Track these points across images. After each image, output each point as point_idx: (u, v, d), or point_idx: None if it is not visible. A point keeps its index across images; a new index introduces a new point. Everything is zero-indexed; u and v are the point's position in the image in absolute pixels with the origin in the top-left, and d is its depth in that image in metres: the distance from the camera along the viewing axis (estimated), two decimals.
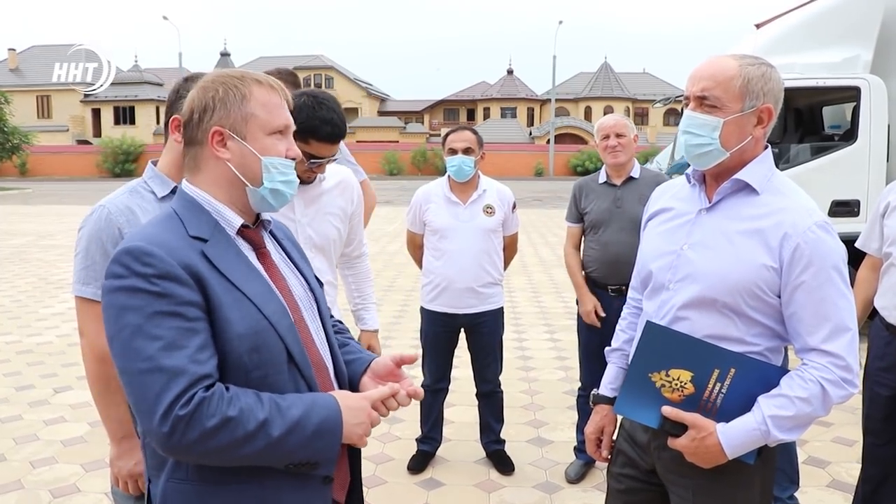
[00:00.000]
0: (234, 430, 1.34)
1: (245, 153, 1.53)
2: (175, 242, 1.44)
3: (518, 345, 7.00)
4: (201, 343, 1.38)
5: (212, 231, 1.51)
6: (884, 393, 3.07)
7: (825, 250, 1.78)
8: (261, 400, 1.40)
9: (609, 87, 58.19)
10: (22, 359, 6.54)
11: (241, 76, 1.56)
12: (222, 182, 1.55)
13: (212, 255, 1.47)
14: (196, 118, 1.53)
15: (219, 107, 1.52)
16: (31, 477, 4.16)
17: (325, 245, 2.85)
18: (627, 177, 3.94)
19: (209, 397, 1.34)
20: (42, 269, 11.48)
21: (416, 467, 4.24)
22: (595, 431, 2.24)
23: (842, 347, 1.78)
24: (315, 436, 1.42)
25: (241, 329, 1.43)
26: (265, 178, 1.54)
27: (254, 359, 1.45)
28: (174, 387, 1.32)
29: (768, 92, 1.85)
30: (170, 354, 1.33)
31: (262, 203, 1.58)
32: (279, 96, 1.57)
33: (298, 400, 1.44)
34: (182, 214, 1.52)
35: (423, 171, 44.81)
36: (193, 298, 1.39)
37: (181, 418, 1.31)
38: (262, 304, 1.49)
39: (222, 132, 1.52)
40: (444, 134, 4.10)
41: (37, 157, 44.30)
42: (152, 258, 1.38)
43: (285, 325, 1.51)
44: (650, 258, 2.06)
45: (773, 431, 1.77)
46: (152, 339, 1.34)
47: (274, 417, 1.38)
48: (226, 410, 1.34)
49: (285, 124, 1.58)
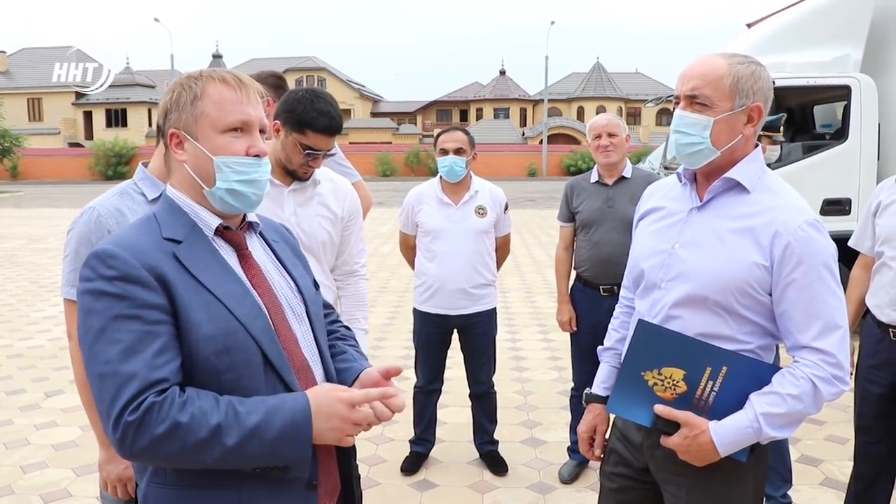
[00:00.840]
0: (184, 436, 1.31)
1: (198, 154, 1.51)
2: (144, 245, 1.43)
3: (511, 345, 7.00)
4: (160, 347, 1.36)
5: (188, 232, 1.50)
6: (875, 391, 3.08)
7: (816, 248, 1.79)
8: (218, 404, 1.35)
9: (601, 87, 58.29)
10: (13, 363, 6.51)
11: (199, 75, 1.53)
12: (186, 184, 1.54)
13: (183, 256, 1.45)
14: (161, 122, 1.55)
15: (173, 108, 1.52)
16: (21, 482, 4.13)
17: (314, 247, 2.81)
18: (619, 176, 3.94)
19: (159, 402, 1.31)
20: (33, 272, 11.43)
21: (409, 469, 4.23)
22: (588, 431, 2.24)
23: (832, 345, 1.78)
24: (278, 440, 1.36)
25: (209, 330, 1.41)
26: (218, 179, 1.51)
27: (224, 361, 1.42)
28: (125, 392, 1.30)
29: (758, 90, 1.86)
30: (126, 359, 1.32)
31: (222, 204, 1.54)
32: (238, 92, 1.52)
33: (260, 404, 1.38)
34: (160, 217, 1.52)
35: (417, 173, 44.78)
36: (155, 301, 1.38)
37: (130, 424, 1.30)
38: (234, 305, 1.45)
39: (178, 133, 1.52)
40: (436, 135, 4.10)
41: (28, 159, 44.11)
42: (115, 260, 1.38)
43: (259, 327, 1.47)
44: (642, 257, 2.06)
45: (765, 429, 1.77)
46: (112, 342, 1.34)
47: (229, 424, 1.33)
48: (176, 416, 1.31)
49: (243, 120, 1.52)
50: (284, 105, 2.67)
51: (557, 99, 57.78)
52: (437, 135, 4.07)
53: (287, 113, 2.64)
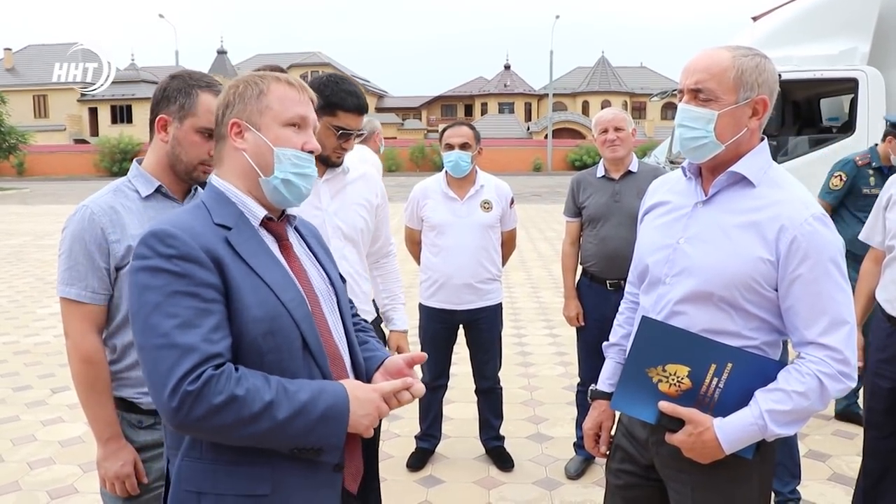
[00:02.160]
0: (239, 409, 1.38)
1: (259, 143, 1.60)
2: (200, 228, 1.50)
3: (517, 341, 6.98)
4: (215, 324, 1.43)
5: (236, 220, 1.57)
6: (885, 385, 3.06)
7: (822, 243, 1.77)
8: (269, 382, 1.44)
9: (606, 82, 58.15)
10: (19, 359, 6.53)
11: (261, 75, 1.64)
12: (240, 172, 1.62)
13: (235, 241, 1.53)
14: (219, 115, 1.63)
15: (237, 101, 1.61)
16: (28, 478, 4.14)
17: (354, 235, 2.90)
18: (626, 171, 3.92)
19: (218, 375, 1.38)
20: (40, 269, 11.46)
21: (415, 464, 4.23)
22: (593, 427, 2.23)
23: (839, 341, 1.76)
24: (320, 421, 1.46)
25: (258, 313, 1.49)
26: (276, 169, 1.60)
27: (269, 342, 1.50)
28: (185, 363, 1.37)
29: (763, 83, 1.83)
30: (184, 332, 1.39)
31: (275, 193, 1.62)
32: (298, 93, 1.64)
33: (307, 385, 1.48)
34: (209, 204, 1.59)
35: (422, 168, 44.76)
36: (211, 280, 1.45)
37: (189, 393, 1.36)
38: (280, 291, 1.54)
39: (239, 123, 1.60)
40: (441, 130, 4.09)
41: (34, 156, 44.22)
42: (175, 240, 1.45)
43: (302, 314, 1.56)
44: (647, 252, 2.05)
45: (771, 426, 1.76)
46: (169, 316, 1.40)
47: (280, 400, 1.42)
48: (233, 389, 1.38)
49: (302, 116, 1.63)
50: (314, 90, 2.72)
51: (562, 93, 57.64)
52: (443, 130, 4.06)
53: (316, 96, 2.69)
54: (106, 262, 2.05)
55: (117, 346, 2.12)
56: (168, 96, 2.10)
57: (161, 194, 2.16)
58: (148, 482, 2.14)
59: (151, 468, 2.15)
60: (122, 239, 2.05)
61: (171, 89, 2.11)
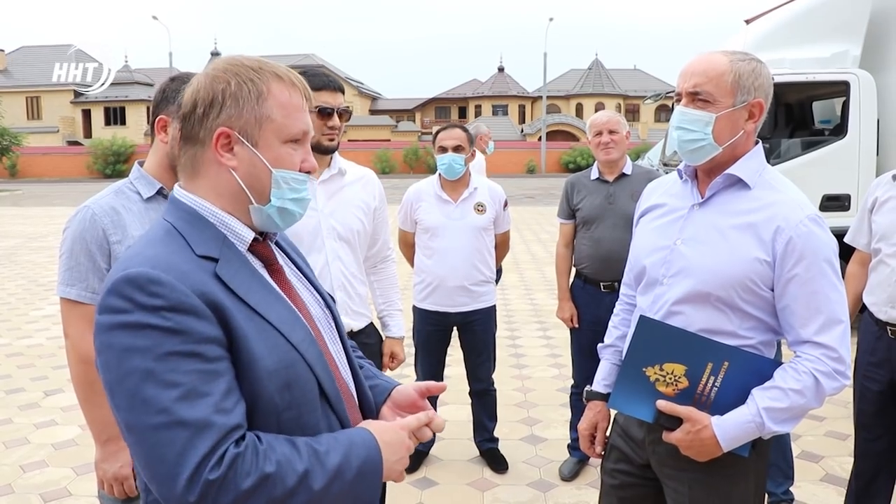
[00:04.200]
0: (272, 488, 1.13)
1: (255, 163, 1.30)
2: (184, 265, 1.20)
3: (511, 342, 6.99)
4: (226, 388, 1.16)
5: (220, 248, 1.28)
6: (874, 388, 3.08)
7: (817, 243, 1.80)
8: (297, 449, 1.19)
9: (600, 84, 58.22)
10: (12, 362, 6.51)
11: (258, 67, 1.31)
12: (224, 192, 1.32)
13: (226, 276, 1.24)
14: (200, 112, 1.29)
15: (229, 103, 1.28)
16: (21, 481, 4.13)
17: (350, 237, 2.88)
18: (620, 173, 3.93)
19: (242, 453, 1.13)
20: (32, 271, 11.41)
21: (409, 467, 4.22)
22: (588, 427, 2.24)
23: (834, 339, 1.79)
24: (356, 481, 1.23)
25: (271, 364, 1.23)
26: (273, 195, 1.32)
27: (285, 398, 1.25)
28: (201, 445, 1.10)
29: (759, 87, 1.87)
30: (191, 404, 1.11)
31: (266, 221, 1.35)
32: (301, 96, 1.35)
33: (335, 443, 1.24)
34: (183, 229, 1.28)
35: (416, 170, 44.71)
36: (213, 333, 1.17)
37: (212, 483, 1.09)
38: (289, 332, 1.28)
39: (230, 134, 1.28)
40: (434, 132, 4.09)
41: (27, 158, 44.03)
42: (161, 286, 1.15)
43: (314, 354, 1.32)
44: (643, 254, 2.06)
45: (768, 423, 1.78)
46: (167, 386, 1.12)
47: (314, 467, 1.18)
48: (263, 466, 1.13)
49: (304, 131, 1.35)
50: None
51: (556, 96, 57.70)
52: (436, 132, 4.06)
53: None
54: (107, 262, 2.06)
55: None
56: (167, 97, 2.12)
57: (162, 196, 2.17)
58: None
59: None
60: (123, 240, 2.06)
61: (170, 90, 2.12)
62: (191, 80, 1.33)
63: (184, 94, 1.33)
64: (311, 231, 2.78)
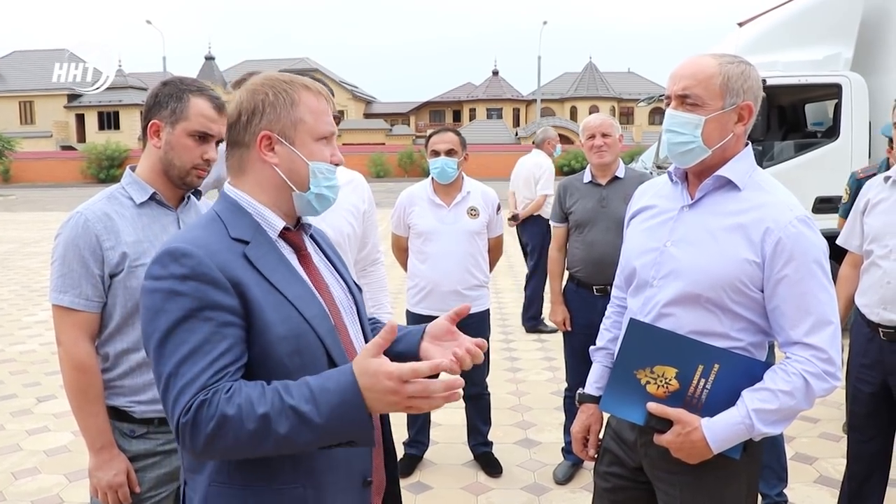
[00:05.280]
0: (235, 429, 1.30)
1: (293, 158, 1.54)
2: (216, 245, 1.44)
3: (505, 346, 6.99)
4: (226, 347, 1.37)
5: (253, 233, 1.51)
6: (866, 390, 3.08)
7: (806, 245, 1.80)
8: (264, 394, 1.32)
9: (594, 87, 58.33)
10: (4, 368, 6.48)
11: (290, 80, 1.57)
12: (267, 186, 1.55)
13: (253, 256, 1.47)
14: (244, 120, 1.53)
15: (268, 111, 1.52)
16: (12, 488, 4.11)
17: (341, 240, 2.90)
18: (613, 176, 3.94)
19: (209, 399, 1.32)
20: (25, 276, 11.38)
21: (403, 471, 4.21)
22: (581, 430, 2.24)
23: (824, 341, 1.79)
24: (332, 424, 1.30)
25: (282, 331, 1.43)
26: (312, 184, 1.56)
27: (295, 362, 1.44)
28: (185, 395, 1.33)
29: (748, 89, 1.88)
30: (191, 361, 1.34)
31: (307, 207, 1.59)
32: (326, 103, 1.59)
33: (306, 389, 1.32)
34: (224, 216, 1.52)
35: (410, 174, 44.70)
36: (227, 303, 1.39)
37: (185, 425, 1.32)
38: (303, 307, 1.48)
39: (271, 136, 1.52)
40: (427, 136, 4.09)
41: (20, 163, 43.86)
42: (190, 259, 1.39)
43: (325, 329, 1.51)
44: (634, 255, 2.07)
45: (758, 425, 1.78)
46: (179, 343, 1.35)
47: (277, 413, 1.30)
48: (223, 409, 1.31)
49: (331, 131, 1.59)
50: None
51: (550, 99, 57.78)
52: (429, 136, 4.07)
53: None
54: (100, 269, 2.05)
55: (110, 354, 2.11)
56: (160, 102, 2.11)
57: (155, 202, 2.16)
58: (140, 492, 2.13)
59: (144, 478, 2.14)
60: (116, 246, 2.05)
61: (162, 95, 2.11)
62: (233, 96, 1.58)
63: (228, 108, 1.58)
64: None
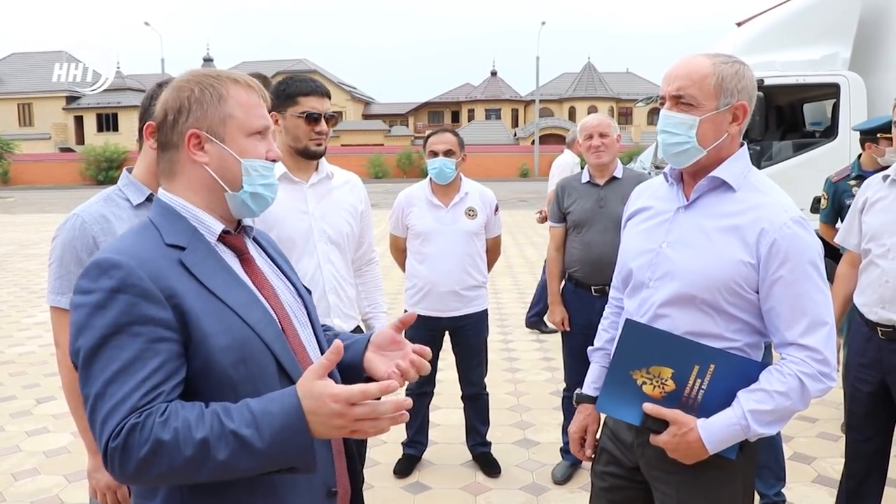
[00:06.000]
0: (170, 455, 1.22)
1: (224, 156, 1.46)
2: (149, 253, 1.36)
3: (504, 346, 6.99)
4: (158, 364, 1.28)
5: (190, 238, 1.43)
6: (865, 389, 3.08)
7: (801, 245, 1.80)
8: (203, 418, 1.25)
9: (593, 87, 58.29)
10: (4, 369, 6.48)
11: (216, 75, 1.49)
12: (199, 187, 1.48)
13: (190, 263, 1.39)
14: (171, 120, 1.46)
15: (195, 108, 1.45)
16: (12, 489, 4.11)
17: (340, 240, 2.92)
18: (610, 177, 3.94)
19: (141, 422, 1.23)
20: (24, 278, 11.38)
21: (402, 471, 4.23)
22: (578, 430, 2.25)
23: (819, 341, 1.80)
24: (273, 449, 1.25)
25: (224, 341, 1.35)
26: (245, 182, 1.48)
27: (241, 372, 1.36)
28: (115, 416, 1.24)
29: (742, 89, 1.88)
30: (121, 380, 1.25)
31: (242, 207, 1.51)
32: (257, 95, 1.51)
33: (247, 412, 1.26)
34: (158, 222, 1.44)
35: (409, 174, 44.71)
36: (159, 315, 1.30)
37: (115, 450, 1.23)
38: (246, 313, 1.41)
39: (199, 134, 1.45)
40: (425, 136, 4.10)
41: (19, 165, 43.82)
42: (119, 270, 1.30)
43: (272, 334, 1.43)
44: (630, 257, 2.07)
45: (753, 425, 1.79)
46: (109, 360, 1.26)
47: (216, 439, 1.23)
48: (158, 434, 1.22)
49: (265, 125, 1.51)
50: (272, 95, 2.81)
51: (549, 99, 57.78)
52: (427, 137, 4.07)
53: (276, 97, 2.77)
54: None
55: None
56: (155, 103, 2.11)
57: (152, 203, 2.17)
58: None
59: None
60: None
61: (158, 96, 2.12)
62: (160, 95, 1.51)
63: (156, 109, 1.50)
64: (304, 234, 2.82)
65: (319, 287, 2.83)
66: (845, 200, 4.75)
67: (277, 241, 2.78)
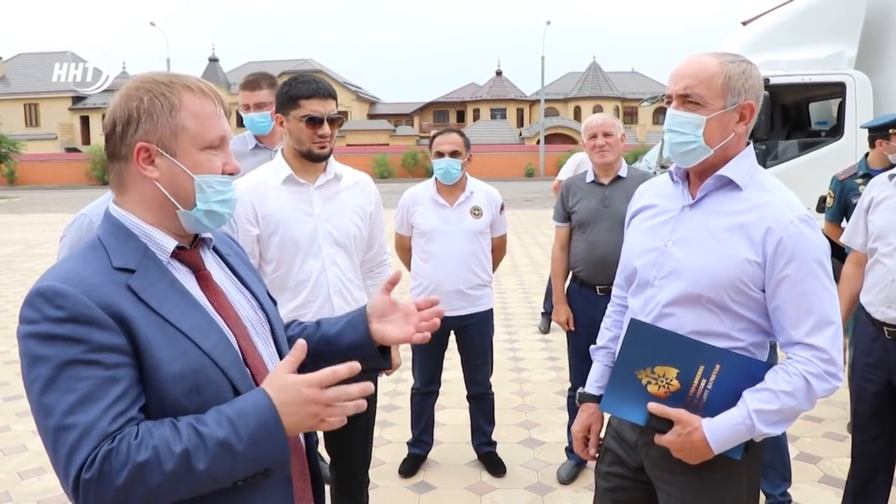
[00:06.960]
0: (151, 475, 1.18)
1: (176, 172, 1.37)
2: (95, 278, 1.28)
3: (509, 346, 6.99)
4: (121, 391, 1.22)
5: (140, 259, 1.35)
6: (871, 388, 3.07)
7: (808, 244, 1.80)
8: (178, 430, 1.22)
9: (598, 87, 58.27)
10: (10, 369, 6.51)
11: (168, 82, 1.38)
12: (150, 203, 1.39)
13: (139, 287, 1.31)
14: (119, 131, 1.36)
15: (144, 119, 1.35)
16: (18, 488, 4.12)
17: (346, 242, 2.89)
18: (615, 176, 3.94)
19: (115, 447, 1.17)
20: (31, 278, 11.38)
21: (407, 471, 4.23)
22: (582, 430, 2.24)
23: (825, 341, 1.79)
24: (251, 448, 1.25)
25: (176, 369, 1.28)
26: (199, 199, 1.39)
27: (195, 401, 1.29)
28: (85, 446, 1.17)
29: (749, 88, 1.87)
30: (83, 408, 1.19)
31: (196, 225, 1.43)
32: (213, 103, 1.41)
33: (221, 417, 1.25)
34: (107, 242, 1.36)
35: (414, 174, 44.74)
36: (113, 342, 1.24)
37: (89, 482, 1.16)
38: (200, 338, 1.33)
39: (149, 148, 1.35)
40: (431, 137, 4.09)
41: (25, 165, 44.07)
42: (65, 299, 1.23)
43: (228, 359, 1.36)
44: (634, 255, 2.07)
45: (759, 425, 1.78)
46: (65, 392, 1.20)
47: (195, 447, 1.21)
48: (136, 457, 1.17)
49: (221, 136, 1.41)
50: (276, 96, 2.80)
51: (554, 99, 57.77)
52: (433, 137, 4.06)
53: (279, 98, 2.76)
54: None
55: None
56: None
57: None
58: None
59: None
60: None
61: None
62: (109, 102, 1.41)
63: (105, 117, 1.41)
64: (308, 237, 2.79)
65: (324, 290, 2.82)
66: (852, 199, 4.74)
67: (281, 243, 2.80)
